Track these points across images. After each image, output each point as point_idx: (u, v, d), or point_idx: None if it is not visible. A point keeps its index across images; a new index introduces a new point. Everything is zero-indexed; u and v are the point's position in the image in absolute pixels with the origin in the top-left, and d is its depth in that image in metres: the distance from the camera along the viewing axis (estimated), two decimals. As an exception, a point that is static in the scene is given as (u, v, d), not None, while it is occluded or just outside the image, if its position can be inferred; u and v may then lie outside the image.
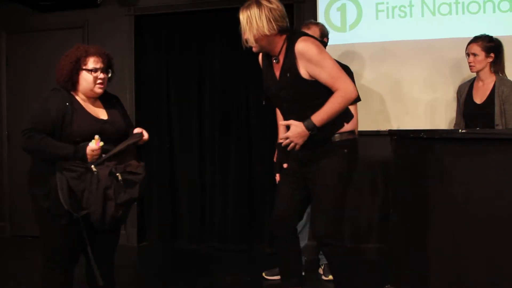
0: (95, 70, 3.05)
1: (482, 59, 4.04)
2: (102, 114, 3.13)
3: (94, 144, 2.89)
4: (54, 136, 2.93)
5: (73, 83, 3.04)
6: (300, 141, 3.12)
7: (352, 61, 4.92)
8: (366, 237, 5.20)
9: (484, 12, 4.80)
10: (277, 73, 3.26)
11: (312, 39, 3.21)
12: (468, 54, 4.11)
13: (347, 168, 3.31)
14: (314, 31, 4.29)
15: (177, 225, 5.89)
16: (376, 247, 5.09)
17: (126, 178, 2.93)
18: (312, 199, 3.36)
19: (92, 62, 3.05)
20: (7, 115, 6.38)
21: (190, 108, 5.81)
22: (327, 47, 4.44)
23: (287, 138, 3.14)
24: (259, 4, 3.11)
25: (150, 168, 5.37)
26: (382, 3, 5.06)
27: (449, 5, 4.88)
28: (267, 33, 3.11)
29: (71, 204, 2.86)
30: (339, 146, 3.26)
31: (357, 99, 4.39)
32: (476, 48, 4.04)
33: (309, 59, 3.10)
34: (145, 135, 3.12)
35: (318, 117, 3.09)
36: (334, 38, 4.70)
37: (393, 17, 5.05)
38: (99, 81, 3.06)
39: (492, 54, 4.04)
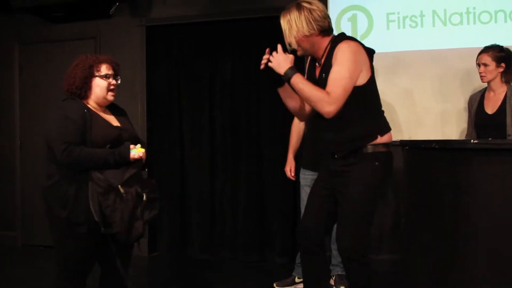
0: (108, 76, 3.11)
1: (492, 69, 4.03)
2: (114, 121, 3.17)
3: (136, 153, 2.98)
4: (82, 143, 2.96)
5: (86, 90, 3.07)
6: (274, 65, 3.05)
7: (363, 71, 4.91)
8: (377, 248, 5.16)
9: (496, 22, 4.78)
10: (318, 75, 3.23)
11: (356, 44, 3.13)
12: (478, 65, 4.10)
13: (377, 181, 3.20)
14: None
15: (188, 235, 5.89)
16: (388, 258, 5.06)
17: (149, 196, 3.00)
18: (339, 211, 3.23)
19: (104, 69, 3.11)
20: (20, 124, 6.42)
21: (201, 117, 5.83)
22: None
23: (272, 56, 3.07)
24: (298, 7, 3.11)
25: (160, 178, 5.41)
26: (393, 13, 5.06)
27: (460, 15, 4.88)
28: (307, 33, 3.09)
29: (100, 216, 2.87)
30: (370, 158, 3.14)
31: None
32: (486, 58, 4.04)
33: (336, 58, 3.04)
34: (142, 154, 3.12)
35: (299, 80, 3.01)
36: (345, 49, 4.69)
37: (404, 27, 5.04)
38: (111, 87, 3.12)
39: (503, 64, 4.03)
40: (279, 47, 3.10)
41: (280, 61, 3.05)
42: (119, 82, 3.19)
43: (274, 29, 5.49)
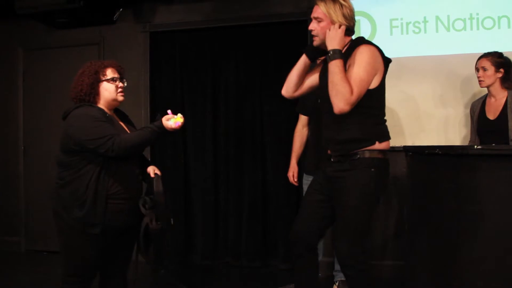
0: (115, 79, 3.16)
1: (491, 74, 4.05)
2: (125, 127, 3.21)
3: (174, 125, 3.05)
4: None
5: (94, 95, 3.11)
6: (329, 36, 3.12)
7: (366, 77, 4.91)
8: (381, 254, 5.16)
9: (499, 27, 4.78)
10: None
11: (375, 49, 3.19)
12: (477, 69, 4.12)
13: (373, 188, 3.18)
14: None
15: (191, 241, 5.88)
16: (391, 264, 5.05)
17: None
18: (336, 218, 3.23)
19: (110, 72, 3.16)
20: (23, 130, 6.43)
21: (204, 123, 5.84)
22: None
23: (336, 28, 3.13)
24: (334, 0, 3.20)
25: (164, 184, 5.40)
26: (396, 19, 5.07)
27: (464, 21, 4.88)
28: (343, 23, 3.17)
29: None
30: (366, 165, 3.14)
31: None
32: (486, 63, 4.05)
33: (355, 59, 3.09)
34: (158, 172, 3.22)
35: (338, 64, 3.06)
36: (348, 54, 4.70)
37: (407, 33, 5.05)
38: (119, 89, 3.17)
39: (501, 70, 4.04)
40: (342, 27, 3.15)
41: (336, 38, 3.11)
42: (125, 84, 3.25)
43: (278, 35, 5.55)
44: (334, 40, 3.10)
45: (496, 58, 4.04)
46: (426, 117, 5.00)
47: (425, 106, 5.00)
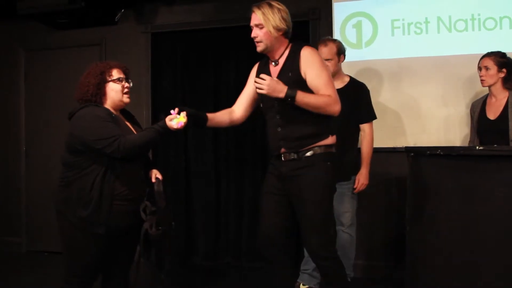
0: (121, 79, 3.16)
1: (493, 73, 4.04)
2: (131, 128, 3.22)
3: (176, 124, 3.02)
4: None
5: (101, 96, 3.11)
6: (269, 91, 3.17)
7: (368, 78, 4.91)
8: (382, 256, 5.15)
9: (501, 28, 4.78)
10: (274, 75, 3.37)
11: (317, 51, 3.46)
12: (480, 68, 4.11)
13: (331, 180, 3.41)
14: (331, 47, 4.31)
15: (192, 242, 5.88)
16: (392, 265, 5.04)
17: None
18: (298, 215, 3.36)
19: (116, 73, 3.17)
20: (25, 131, 6.43)
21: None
22: (343, 64, 4.46)
23: (264, 80, 3.18)
24: (270, 5, 3.33)
25: (165, 185, 5.40)
26: (398, 20, 5.06)
27: (465, 21, 4.87)
28: (280, 28, 3.30)
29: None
30: (323, 159, 3.32)
31: (373, 116, 4.40)
32: (488, 62, 4.04)
33: (312, 63, 3.29)
34: (160, 176, 3.23)
35: (303, 95, 3.19)
36: (349, 55, 4.70)
37: (409, 33, 5.04)
38: (125, 90, 3.18)
39: (504, 70, 4.03)
40: (264, 75, 3.22)
41: (274, 87, 3.18)
42: (131, 85, 3.26)
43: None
44: (277, 89, 3.19)
45: (499, 58, 4.04)
46: (428, 118, 4.99)
47: (426, 107, 5.00)
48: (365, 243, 5.01)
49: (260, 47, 3.38)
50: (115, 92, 3.14)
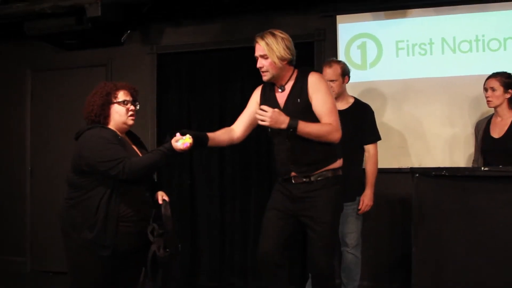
0: (126, 102, 3.14)
1: (500, 94, 4.04)
2: (137, 151, 3.21)
3: (181, 145, 3.00)
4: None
5: (105, 117, 3.10)
6: (271, 123, 3.19)
7: (373, 99, 4.92)
8: (387, 277, 5.12)
9: (505, 49, 4.80)
10: (281, 101, 3.42)
11: (323, 77, 3.53)
12: (486, 89, 4.11)
13: (340, 203, 3.51)
14: (335, 68, 4.33)
15: (197, 262, 5.86)
16: (397, 287, 5.01)
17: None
18: (310, 235, 3.41)
19: (122, 95, 3.15)
20: (30, 150, 6.45)
21: (211, 144, 5.83)
22: (347, 84, 4.47)
23: (266, 111, 3.19)
24: (273, 34, 3.34)
25: (170, 204, 5.40)
26: (402, 41, 5.09)
27: (470, 42, 4.90)
28: (283, 57, 3.31)
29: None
30: (333, 183, 3.38)
31: (378, 137, 4.40)
32: (494, 83, 4.05)
33: (319, 89, 3.32)
34: (166, 198, 3.22)
35: (304, 125, 3.22)
36: (354, 76, 4.71)
37: (413, 54, 5.07)
38: (130, 112, 3.16)
39: (510, 90, 4.04)
40: (265, 107, 3.24)
41: (277, 118, 3.20)
42: (137, 107, 3.23)
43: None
44: (279, 120, 3.21)
45: (505, 79, 4.04)
46: (432, 138, 5.00)
47: (431, 127, 5.00)
48: (370, 264, 4.99)
49: (266, 77, 3.40)
50: (119, 114, 3.13)
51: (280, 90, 3.44)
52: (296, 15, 5.43)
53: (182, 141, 3.00)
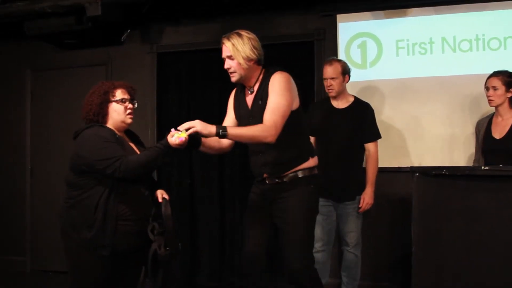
0: (124, 100, 3.15)
1: (501, 93, 4.03)
2: (135, 149, 3.20)
3: (177, 140, 2.96)
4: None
5: (103, 116, 3.11)
6: (201, 128, 3.11)
7: (373, 98, 4.93)
8: (387, 276, 5.12)
9: (505, 48, 4.79)
10: (250, 103, 3.41)
11: (288, 75, 3.34)
12: (487, 88, 4.10)
13: (314, 203, 3.42)
14: (335, 66, 4.34)
15: (197, 262, 5.86)
16: (397, 286, 5.01)
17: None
18: (280, 236, 3.37)
19: (120, 93, 3.15)
20: (30, 150, 6.46)
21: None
22: (348, 84, 4.48)
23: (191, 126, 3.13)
24: (239, 35, 3.32)
25: (171, 205, 5.41)
26: (403, 40, 5.09)
27: (470, 41, 4.89)
28: (251, 58, 3.28)
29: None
30: (305, 182, 3.34)
31: (378, 136, 4.41)
32: (496, 82, 4.03)
33: (273, 88, 3.24)
34: (166, 196, 3.21)
35: (232, 131, 3.14)
36: (354, 75, 4.72)
37: (413, 54, 5.06)
38: (128, 111, 3.16)
39: (511, 89, 4.02)
40: (181, 126, 3.12)
41: (206, 126, 3.15)
42: (135, 106, 3.23)
43: (284, 56, 5.58)
44: (205, 128, 3.14)
45: (507, 78, 4.03)
46: (432, 137, 4.99)
47: (431, 127, 5.00)
48: (370, 263, 4.99)
49: (234, 77, 3.38)
50: (117, 113, 3.13)
51: (249, 92, 3.43)
52: (296, 15, 5.43)
53: (177, 135, 2.98)
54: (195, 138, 3.17)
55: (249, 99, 3.43)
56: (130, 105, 3.17)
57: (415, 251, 3.67)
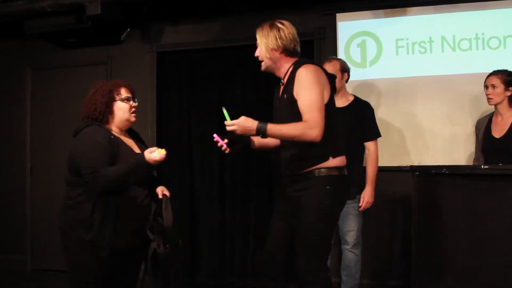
0: (128, 99, 3.16)
1: (500, 92, 4.03)
2: (135, 147, 3.21)
3: (158, 157, 2.94)
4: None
5: (108, 114, 3.12)
6: (241, 131, 3.08)
7: (372, 97, 4.94)
8: (387, 275, 5.13)
9: (505, 47, 4.80)
10: (280, 95, 3.34)
11: (316, 67, 3.21)
12: (486, 86, 4.10)
13: (330, 205, 3.15)
14: (334, 64, 4.35)
15: (197, 261, 5.86)
16: (397, 285, 5.02)
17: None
18: (295, 237, 3.22)
19: (124, 92, 3.17)
20: (30, 149, 6.46)
21: (211, 144, 5.81)
22: (348, 83, 4.48)
23: (233, 125, 3.10)
24: (271, 24, 3.26)
25: (171, 203, 5.41)
26: (402, 39, 5.09)
27: (469, 40, 4.90)
28: (273, 47, 3.22)
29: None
30: (322, 182, 3.14)
31: (378, 134, 4.41)
32: (496, 80, 4.04)
33: (301, 84, 3.11)
34: (167, 193, 3.20)
35: (273, 128, 3.06)
36: (354, 74, 4.71)
37: (413, 53, 5.07)
38: (133, 109, 3.18)
39: (511, 88, 4.03)
40: (226, 122, 3.15)
41: (244, 126, 3.08)
42: (137, 104, 3.24)
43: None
44: (246, 129, 3.09)
45: (506, 76, 4.03)
46: (432, 136, 5.00)
47: (431, 126, 5.00)
48: (370, 262, 4.99)
49: (262, 67, 3.34)
50: (123, 111, 3.14)
51: (281, 84, 3.35)
52: (296, 14, 5.42)
53: (158, 152, 2.95)
54: (241, 138, 3.20)
55: (280, 91, 3.35)
56: (133, 103, 3.20)
57: (414, 250, 3.68)
